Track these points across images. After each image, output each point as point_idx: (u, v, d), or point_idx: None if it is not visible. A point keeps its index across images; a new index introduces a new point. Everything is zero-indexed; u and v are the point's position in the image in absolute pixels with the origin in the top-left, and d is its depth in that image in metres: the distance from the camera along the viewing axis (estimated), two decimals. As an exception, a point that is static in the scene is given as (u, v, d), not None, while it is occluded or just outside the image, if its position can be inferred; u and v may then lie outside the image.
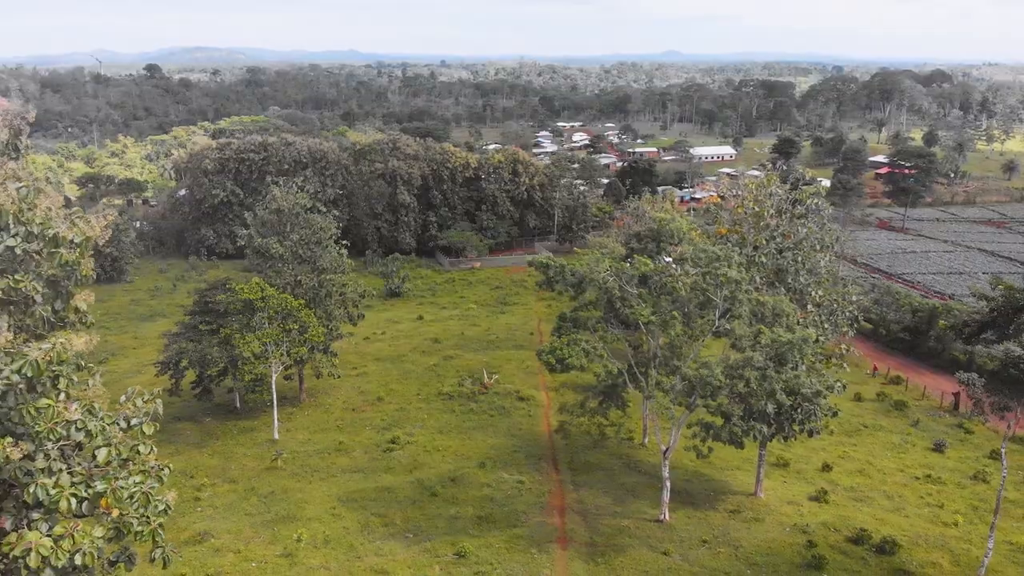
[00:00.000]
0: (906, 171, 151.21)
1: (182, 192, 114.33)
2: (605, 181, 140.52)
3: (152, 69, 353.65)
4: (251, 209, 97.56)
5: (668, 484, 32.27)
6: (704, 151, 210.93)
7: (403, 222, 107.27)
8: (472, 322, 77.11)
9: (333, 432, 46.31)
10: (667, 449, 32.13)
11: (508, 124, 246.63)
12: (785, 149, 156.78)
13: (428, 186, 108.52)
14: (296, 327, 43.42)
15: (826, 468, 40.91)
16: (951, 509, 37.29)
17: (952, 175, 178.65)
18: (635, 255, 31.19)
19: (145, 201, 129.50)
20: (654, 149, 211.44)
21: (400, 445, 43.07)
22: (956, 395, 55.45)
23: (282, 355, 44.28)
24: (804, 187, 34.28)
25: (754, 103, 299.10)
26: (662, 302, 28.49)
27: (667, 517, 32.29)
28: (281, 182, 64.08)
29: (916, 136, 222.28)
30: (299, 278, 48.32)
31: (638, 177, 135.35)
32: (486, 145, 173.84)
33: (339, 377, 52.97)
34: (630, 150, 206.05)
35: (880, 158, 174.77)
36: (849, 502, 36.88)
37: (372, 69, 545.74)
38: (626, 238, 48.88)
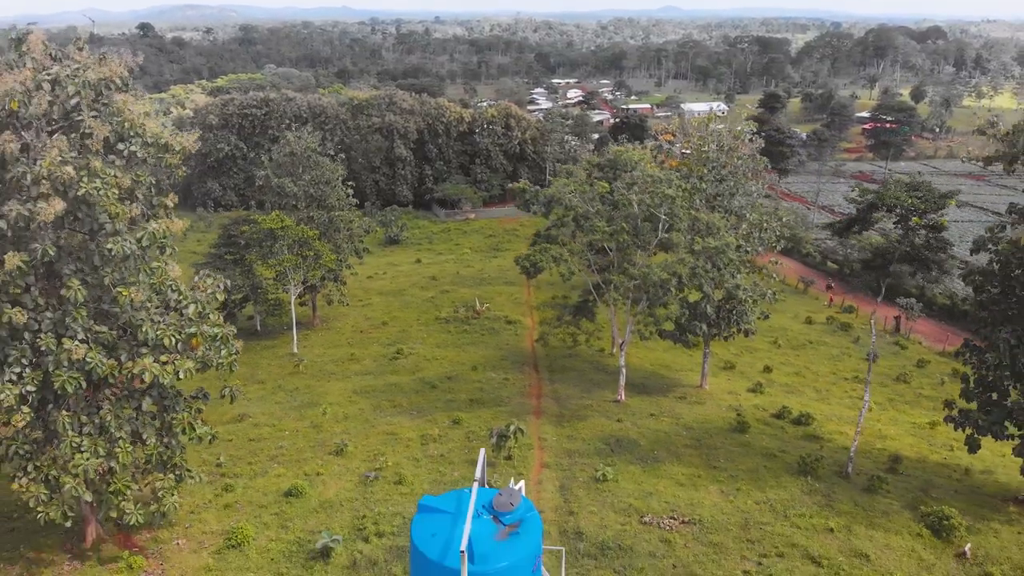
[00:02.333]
0: (887, 125, 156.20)
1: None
2: (597, 136, 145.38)
3: (145, 28, 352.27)
4: (254, 163, 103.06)
5: (624, 371, 39.23)
6: (696, 107, 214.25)
7: (400, 175, 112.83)
8: (466, 264, 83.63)
9: (345, 347, 53.19)
10: (622, 342, 39.02)
11: (503, 81, 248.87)
12: (771, 104, 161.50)
13: (424, 140, 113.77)
14: (311, 254, 49.85)
15: (767, 370, 47.98)
16: (872, 402, 44.29)
17: (937, 130, 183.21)
18: (595, 181, 37.48)
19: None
20: (647, 105, 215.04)
21: (404, 355, 49.95)
22: (897, 319, 62.54)
23: (300, 278, 50.83)
24: (744, 123, 40.35)
25: (748, 60, 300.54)
26: (616, 217, 34.92)
27: (623, 398, 39.30)
28: (291, 132, 69.59)
29: (905, 93, 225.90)
30: (311, 215, 54.59)
31: (629, 132, 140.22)
32: (481, 102, 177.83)
33: (347, 305, 59.71)
34: (623, 106, 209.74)
35: (866, 114, 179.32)
36: (781, 393, 43.95)
37: (366, 26, 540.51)
38: (588, 167, 55.12)
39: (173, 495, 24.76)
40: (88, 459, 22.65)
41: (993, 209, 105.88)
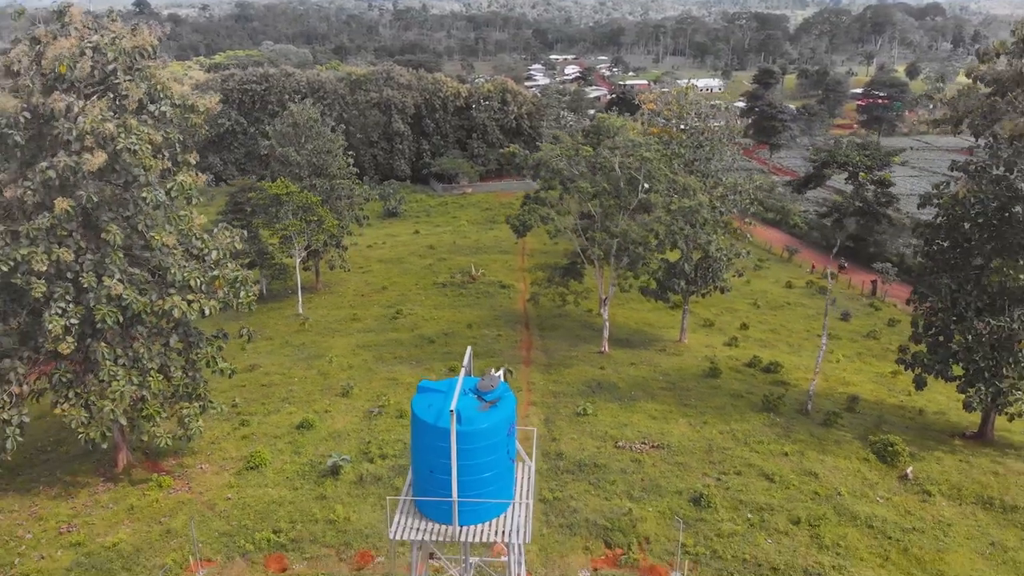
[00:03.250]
0: (880, 101, 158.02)
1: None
2: (593, 112, 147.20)
3: (140, 4, 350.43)
4: (254, 137, 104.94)
5: (607, 325, 42.26)
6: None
7: (398, 150, 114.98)
8: (463, 235, 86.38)
9: (347, 309, 56.17)
10: (605, 298, 42.01)
11: (501, 57, 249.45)
12: (765, 80, 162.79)
13: (421, 115, 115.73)
14: (315, 219, 52.60)
15: (744, 327, 51.04)
16: (839, 354, 47.45)
17: (931, 106, 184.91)
18: (581, 146, 40.15)
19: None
20: (644, 81, 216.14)
21: (403, 316, 52.94)
22: (874, 282, 65.54)
23: (304, 243, 53.64)
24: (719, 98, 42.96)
25: (746, 36, 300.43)
26: (599, 179, 37.67)
27: (607, 350, 42.37)
28: (293, 104, 71.88)
29: (901, 69, 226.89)
30: (314, 183, 57.22)
31: (625, 108, 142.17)
32: (478, 78, 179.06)
33: (349, 270, 62.61)
34: (620, 82, 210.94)
35: (860, 90, 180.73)
36: (756, 347, 47.02)
37: (362, 2, 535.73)
38: (564, 123, 57.68)
39: (198, 421, 27.82)
40: (124, 386, 25.68)
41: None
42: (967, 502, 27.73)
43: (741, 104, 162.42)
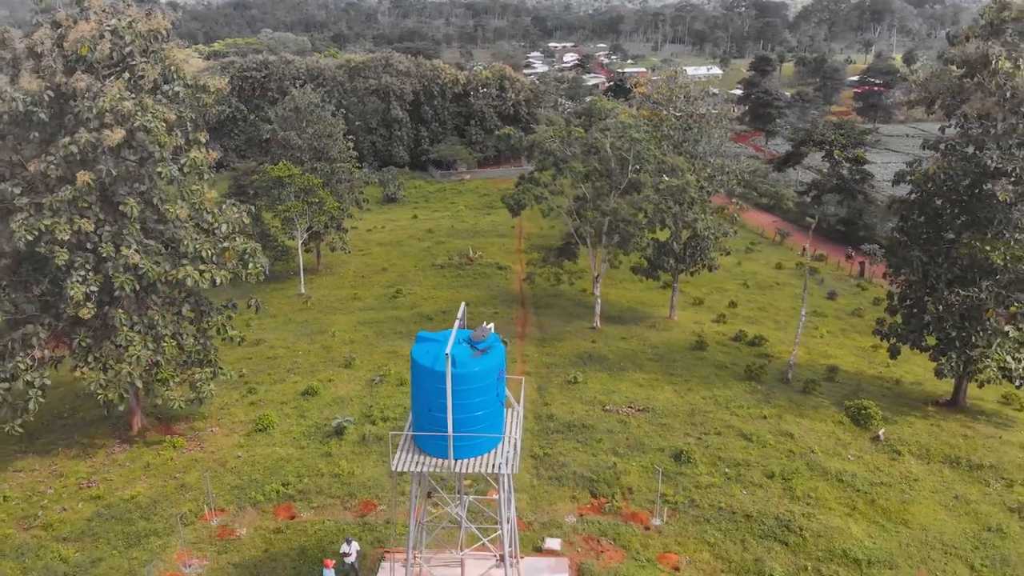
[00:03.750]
0: (875, 88, 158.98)
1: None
2: (590, 99, 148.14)
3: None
4: (254, 124, 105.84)
5: (599, 301, 43.91)
6: (691, 71, 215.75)
7: (396, 136, 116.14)
8: (461, 220, 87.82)
9: (348, 289, 57.76)
10: (597, 275, 43.63)
11: (500, 45, 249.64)
12: (762, 67, 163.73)
13: (419, 102, 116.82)
14: (316, 201, 54.09)
15: (732, 305, 52.68)
16: (824, 330, 49.15)
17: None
18: (573, 128, 41.62)
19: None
20: (642, 69, 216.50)
21: (403, 295, 54.54)
22: (862, 263, 67.19)
23: (306, 225, 55.15)
24: (707, 77, 44.37)
25: (745, 23, 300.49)
26: (591, 160, 39.18)
27: (599, 325, 44.02)
28: (295, 89, 73.12)
29: (898, 57, 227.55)
30: (315, 166, 58.65)
31: (622, 95, 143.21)
32: (476, 66, 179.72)
33: (349, 252, 64.13)
34: (619, 70, 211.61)
35: (856, 78, 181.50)
36: (743, 323, 48.65)
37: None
38: (561, 110, 59.12)
39: (209, 385, 29.50)
40: (140, 351, 27.33)
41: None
42: (935, 461, 29.45)
43: (738, 91, 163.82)
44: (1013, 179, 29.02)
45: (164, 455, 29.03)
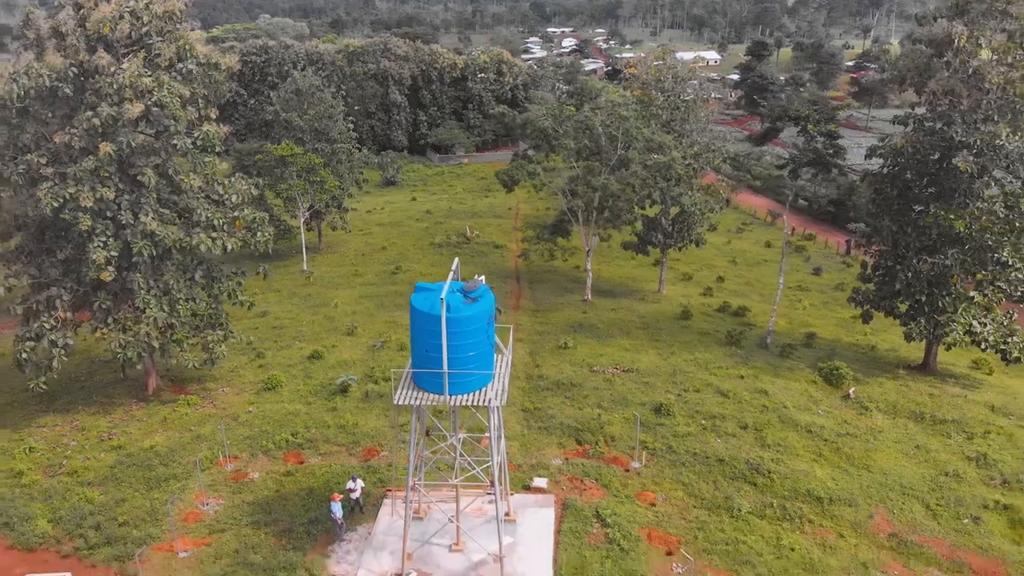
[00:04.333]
0: (871, 73, 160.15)
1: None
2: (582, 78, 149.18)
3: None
4: (255, 109, 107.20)
5: (590, 275, 45.90)
6: (688, 56, 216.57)
7: (395, 121, 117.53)
8: (459, 202, 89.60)
9: (349, 266, 59.68)
10: (589, 249, 45.56)
11: (498, 30, 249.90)
12: (758, 52, 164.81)
13: (418, 86, 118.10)
14: (317, 179, 55.86)
15: (720, 280, 54.67)
16: (807, 303, 51.15)
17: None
18: (565, 106, 43.39)
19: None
20: (641, 54, 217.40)
21: (402, 271, 56.46)
22: (848, 242, 69.11)
23: (307, 203, 56.95)
24: (695, 57, 46.06)
25: (744, 8, 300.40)
26: (581, 137, 41.00)
27: (590, 298, 45.99)
28: (296, 71, 74.64)
29: (895, 42, 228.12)
30: (316, 147, 60.32)
31: (618, 79, 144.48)
32: (474, 51, 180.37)
33: (349, 231, 66.04)
34: (617, 55, 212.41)
35: (852, 63, 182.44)
36: (729, 296, 50.65)
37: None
38: (558, 95, 60.82)
39: (221, 346, 31.46)
40: (156, 312, 29.28)
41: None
42: (900, 416, 31.51)
43: (735, 76, 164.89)
44: (975, 151, 30.85)
45: (179, 411, 31.06)
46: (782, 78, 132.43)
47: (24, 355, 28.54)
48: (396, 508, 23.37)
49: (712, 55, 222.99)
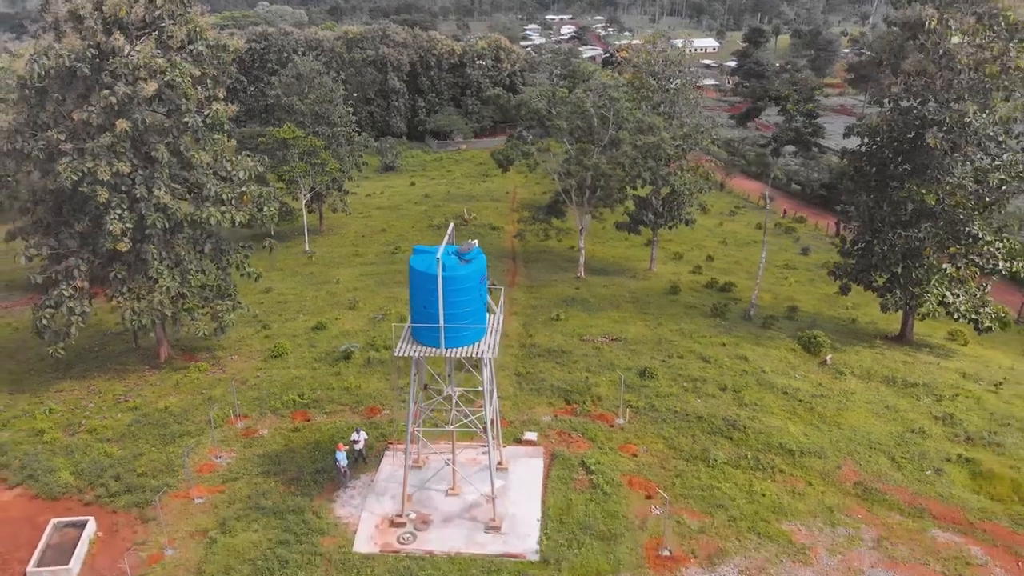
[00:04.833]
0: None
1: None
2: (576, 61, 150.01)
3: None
4: (254, 96, 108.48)
5: (583, 252, 47.56)
6: (679, 42, 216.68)
7: (394, 107, 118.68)
8: (457, 186, 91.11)
9: (350, 247, 61.33)
10: (582, 228, 47.22)
11: (496, 17, 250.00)
12: (755, 39, 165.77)
13: (416, 73, 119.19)
14: (319, 162, 57.40)
15: (710, 259, 56.36)
16: (793, 280, 52.86)
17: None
18: (558, 88, 44.87)
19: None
20: (639, 41, 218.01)
21: (401, 251, 58.06)
22: (837, 223, 70.69)
23: (309, 185, 58.51)
24: (684, 44, 47.59)
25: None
26: (573, 118, 42.55)
27: (583, 275, 47.69)
28: (297, 56, 75.88)
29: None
30: (317, 130, 61.82)
31: (615, 66, 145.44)
32: (472, 37, 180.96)
33: (350, 214, 67.61)
34: (615, 42, 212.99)
35: (847, 50, 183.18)
36: (717, 273, 52.33)
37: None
38: (551, 77, 62.31)
39: (230, 315, 33.17)
40: (169, 281, 30.96)
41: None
42: (874, 380, 33.30)
43: (733, 63, 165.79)
44: (945, 128, 32.44)
45: (191, 376, 32.82)
46: (777, 64, 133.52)
47: (44, 322, 30.22)
48: (397, 459, 25.17)
49: (710, 42, 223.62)
